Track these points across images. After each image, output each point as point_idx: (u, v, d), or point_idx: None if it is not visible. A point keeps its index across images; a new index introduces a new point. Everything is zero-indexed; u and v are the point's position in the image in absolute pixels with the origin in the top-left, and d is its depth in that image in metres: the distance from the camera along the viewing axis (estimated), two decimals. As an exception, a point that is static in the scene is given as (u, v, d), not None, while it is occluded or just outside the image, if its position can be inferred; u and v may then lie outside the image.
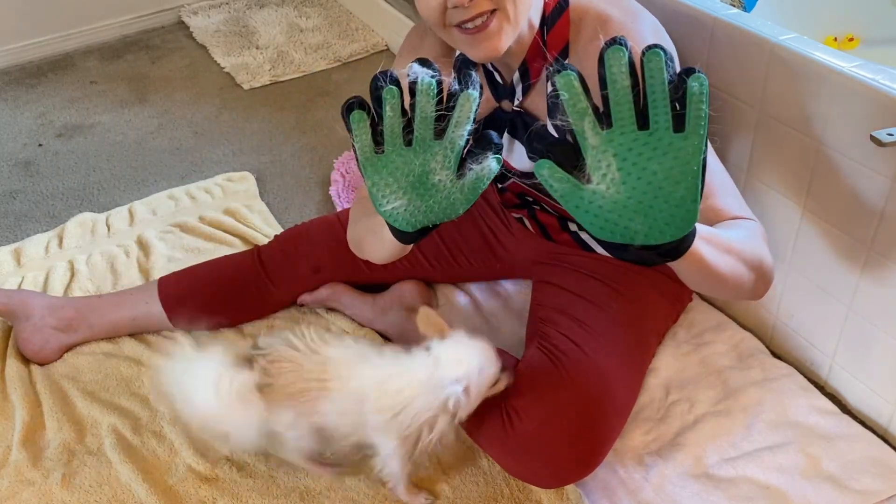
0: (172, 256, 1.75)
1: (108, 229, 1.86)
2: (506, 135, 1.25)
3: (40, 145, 2.23)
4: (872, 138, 1.01)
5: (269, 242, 1.56)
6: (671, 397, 1.37)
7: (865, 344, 1.28)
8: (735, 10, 1.27)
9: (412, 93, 0.84)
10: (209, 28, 2.78)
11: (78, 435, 1.37)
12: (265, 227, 1.83)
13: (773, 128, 1.26)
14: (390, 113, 0.85)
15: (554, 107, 0.78)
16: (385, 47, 2.62)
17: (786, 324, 1.42)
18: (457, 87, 0.85)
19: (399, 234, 0.94)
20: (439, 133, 0.86)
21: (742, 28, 1.23)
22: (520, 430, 1.16)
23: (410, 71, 0.84)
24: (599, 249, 1.36)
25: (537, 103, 1.19)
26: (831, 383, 1.38)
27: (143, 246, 1.79)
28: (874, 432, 1.30)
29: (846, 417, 1.32)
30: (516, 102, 1.20)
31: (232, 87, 2.48)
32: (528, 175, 1.16)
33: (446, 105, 0.85)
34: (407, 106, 0.86)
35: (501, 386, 1.12)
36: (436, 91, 0.84)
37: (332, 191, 1.94)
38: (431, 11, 1.05)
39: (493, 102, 1.24)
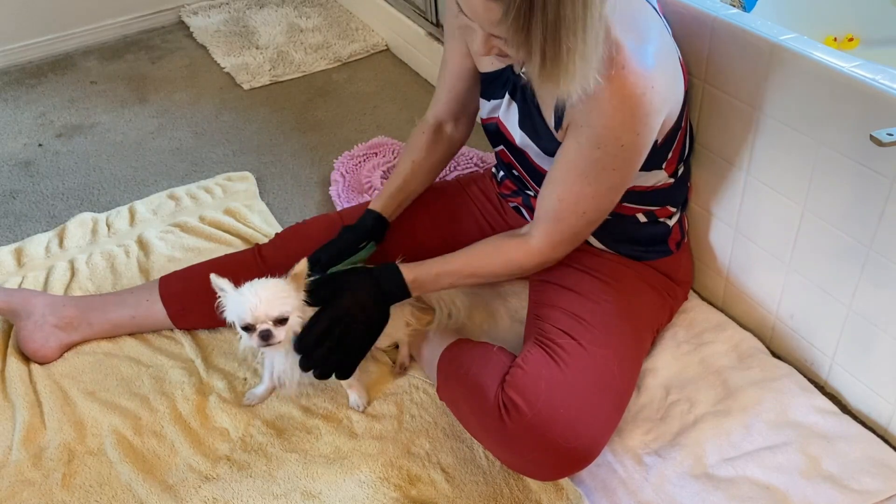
0: (172, 256, 1.75)
1: (109, 229, 1.86)
2: (506, 95, 1.30)
3: (40, 145, 2.23)
4: (872, 138, 1.01)
5: (271, 240, 1.57)
6: (671, 397, 1.37)
7: (865, 344, 1.28)
8: (735, 10, 1.27)
9: None
10: (209, 28, 2.78)
11: (78, 435, 1.37)
12: (265, 227, 1.83)
13: (773, 128, 1.26)
14: None
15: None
16: (385, 47, 2.62)
17: (786, 324, 1.42)
18: None
19: None
20: None
21: (742, 28, 1.23)
22: (517, 422, 1.17)
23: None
24: (591, 240, 1.40)
25: None
26: (831, 383, 1.38)
27: (143, 246, 1.79)
28: (874, 432, 1.31)
29: (846, 417, 1.32)
30: (523, 69, 1.23)
31: (232, 87, 2.48)
32: (515, 147, 1.33)
33: None
34: None
35: None
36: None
37: (332, 191, 1.94)
38: None
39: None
